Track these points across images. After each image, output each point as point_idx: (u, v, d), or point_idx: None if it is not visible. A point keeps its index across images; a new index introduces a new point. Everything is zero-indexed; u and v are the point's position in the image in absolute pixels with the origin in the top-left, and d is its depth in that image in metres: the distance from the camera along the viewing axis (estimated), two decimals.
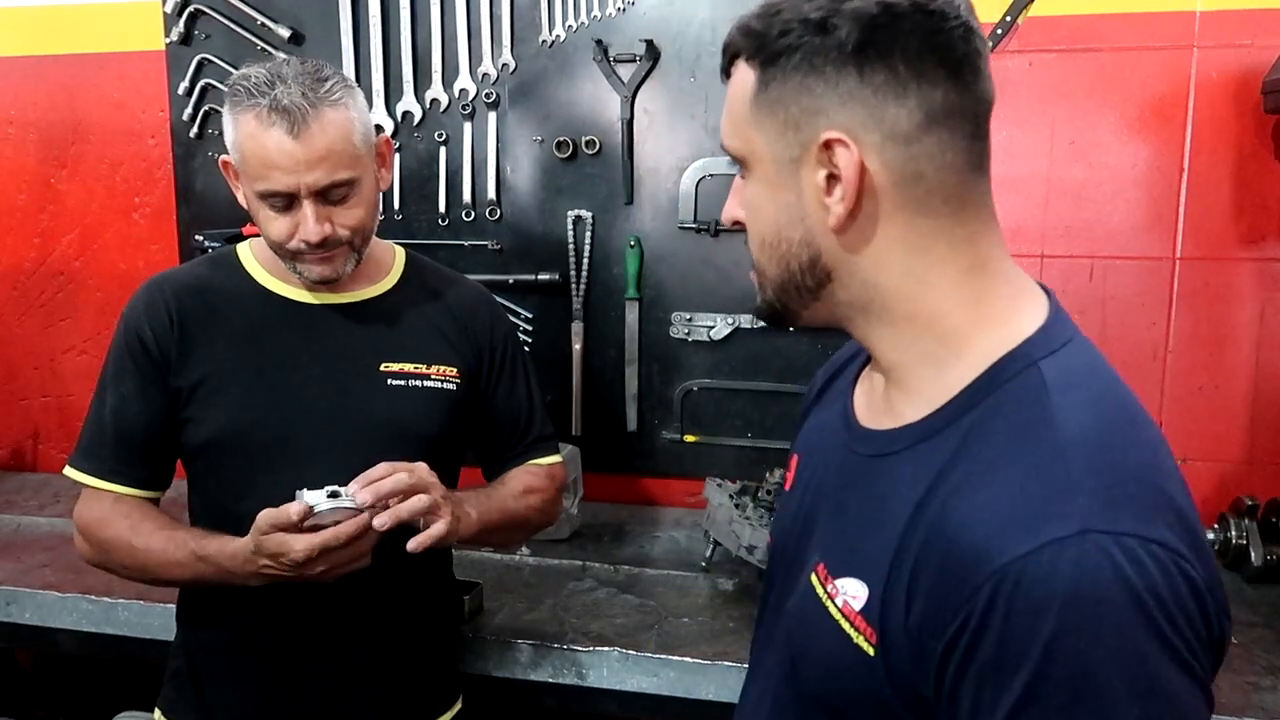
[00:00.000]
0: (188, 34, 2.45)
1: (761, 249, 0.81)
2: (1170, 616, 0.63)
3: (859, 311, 0.80)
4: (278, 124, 1.23)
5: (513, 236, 2.39)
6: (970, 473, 0.71)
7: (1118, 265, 2.14)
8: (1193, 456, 2.15)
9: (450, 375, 1.43)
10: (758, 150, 0.78)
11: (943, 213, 0.76)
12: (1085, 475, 0.67)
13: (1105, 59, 2.10)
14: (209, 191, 2.50)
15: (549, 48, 2.31)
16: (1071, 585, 0.62)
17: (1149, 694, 0.63)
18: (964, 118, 0.75)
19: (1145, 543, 0.64)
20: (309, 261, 1.33)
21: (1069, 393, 0.72)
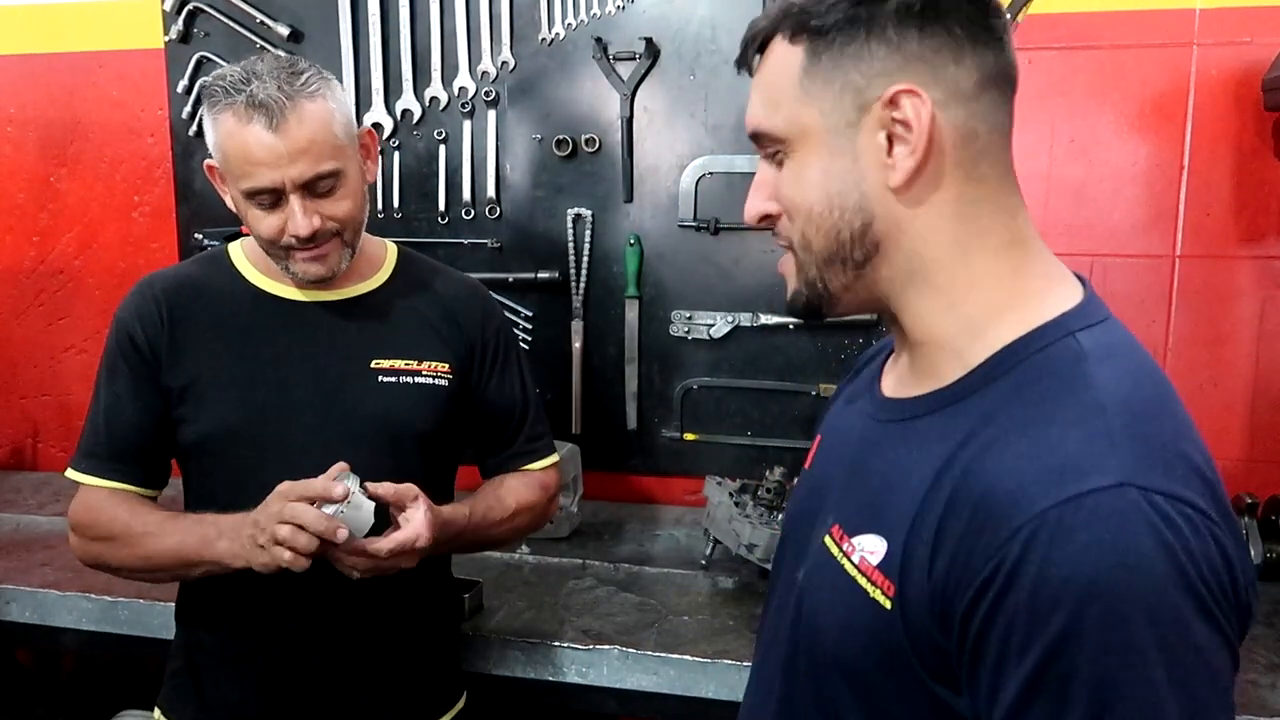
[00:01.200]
0: (187, 32, 2.45)
1: (809, 223, 0.80)
2: (1201, 574, 0.64)
3: (899, 285, 0.81)
4: (256, 119, 1.23)
5: (512, 235, 2.38)
6: (1005, 429, 0.72)
7: (1118, 263, 2.14)
8: None
9: (442, 371, 1.43)
10: (808, 125, 0.78)
11: (990, 179, 0.78)
12: (1123, 434, 0.68)
13: (1105, 56, 2.09)
14: (208, 190, 2.48)
15: (548, 46, 2.31)
16: (1109, 535, 0.63)
17: (1178, 646, 0.63)
18: (1007, 81, 0.78)
19: (1179, 503, 0.65)
20: (301, 260, 1.32)
21: (1106, 362, 0.73)
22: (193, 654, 1.43)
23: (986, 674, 0.68)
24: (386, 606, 1.41)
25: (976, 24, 0.76)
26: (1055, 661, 0.64)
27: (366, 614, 1.39)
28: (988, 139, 0.77)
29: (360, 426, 1.36)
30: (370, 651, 1.41)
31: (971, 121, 0.76)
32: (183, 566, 1.31)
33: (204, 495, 1.39)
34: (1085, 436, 0.68)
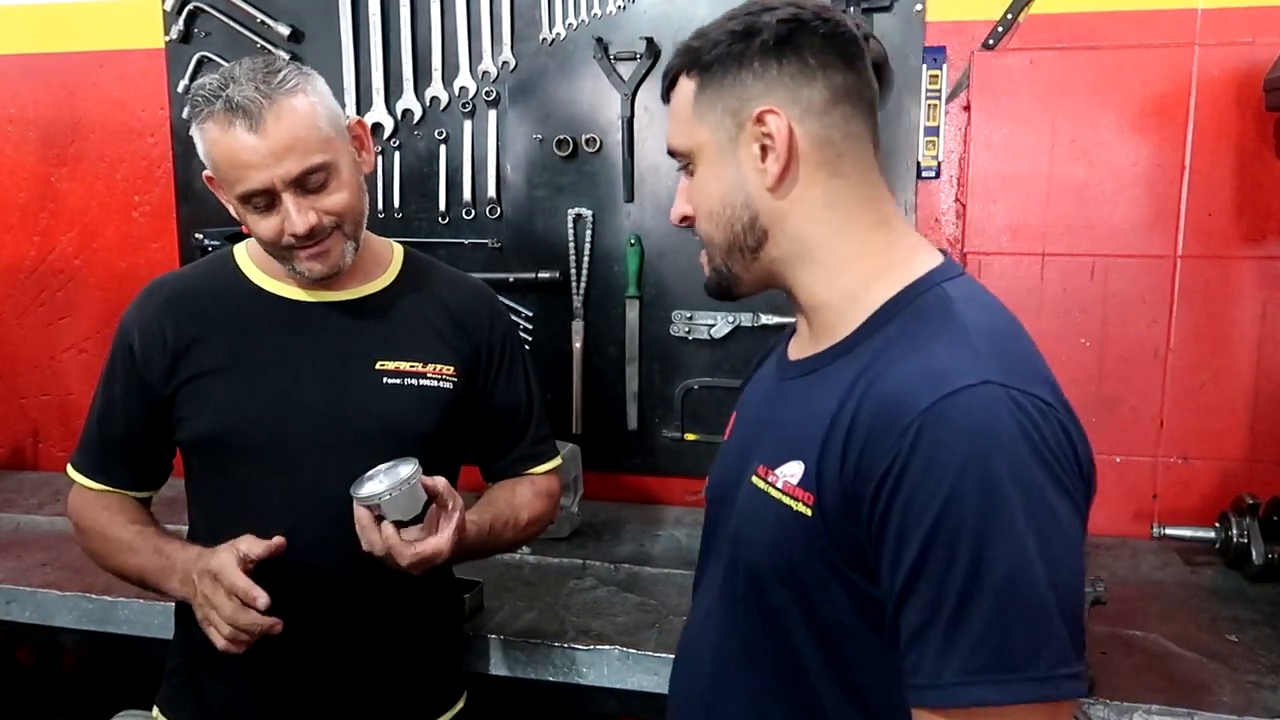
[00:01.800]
0: (187, 32, 2.45)
1: (710, 220, 1.00)
2: (1052, 451, 0.82)
3: (789, 264, 0.99)
4: (237, 123, 1.23)
5: (513, 235, 2.38)
6: (894, 357, 0.89)
7: (1119, 263, 2.14)
8: (1194, 454, 2.15)
9: (447, 374, 1.42)
10: (701, 141, 0.98)
11: (851, 175, 0.97)
12: (985, 350, 0.86)
13: (1106, 56, 2.09)
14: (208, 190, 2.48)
15: (549, 46, 2.30)
16: (979, 420, 0.81)
17: (1038, 507, 0.80)
18: (860, 98, 0.97)
19: (1031, 396, 0.83)
20: (305, 259, 1.32)
21: (968, 302, 0.92)
22: (191, 653, 1.43)
23: (890, 544, 0.83)
24: (386, 606, 1.41)
25: (828, 53, 0.94)
26: (944, 520, 0.80)
27: (366, 614, 1.39)
28: (844, 144, 0.96)
29: (363, 427, 1.36)
30: (369, 651, 1.40)
31: (826, 131, 0.95)
32: (151, 589, 1.37)
33: (206, 494, 1.40)
34: (955, 352, 0.86)
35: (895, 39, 2.13)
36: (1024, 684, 0.79)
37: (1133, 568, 2.01)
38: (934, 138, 2.18)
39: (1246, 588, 1.89)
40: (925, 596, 0.81)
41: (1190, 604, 1.82)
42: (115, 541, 1.38)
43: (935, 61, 2.16)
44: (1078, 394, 2.17)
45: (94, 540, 1.41)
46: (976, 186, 2.18)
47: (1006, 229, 2.18)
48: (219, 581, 1.20)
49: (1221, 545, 1.98)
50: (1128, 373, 2.16)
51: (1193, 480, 2.15)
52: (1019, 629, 0.79)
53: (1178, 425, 2.14)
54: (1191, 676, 1.53)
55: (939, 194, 2.22)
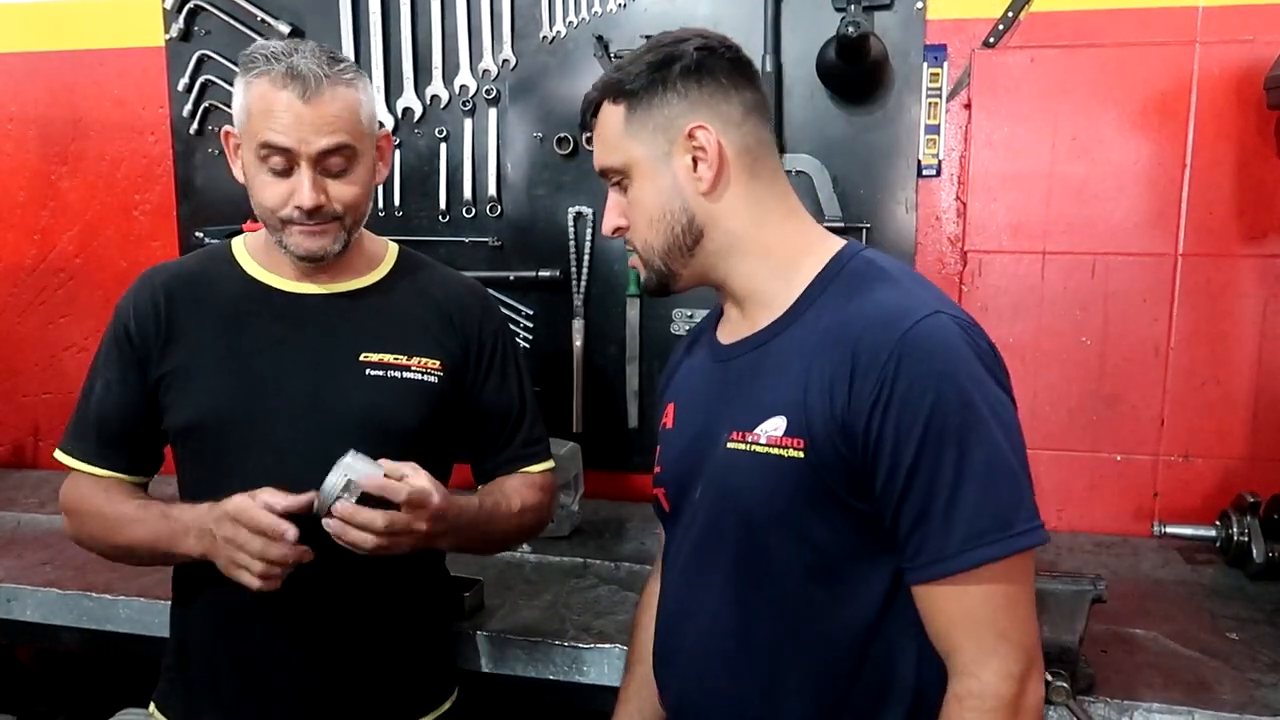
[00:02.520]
0: (187, 30, 2.45)
1: (650, 227, 1.13)
2: (987, 355, 1.03)
3: (723, 256, 1.13)
4: (291, 86, 1.27)
5: (513, 233, 2.38)
6: (849, 311, 1.05)
7: (1120, 262, 2.14)
8: (1195, 453, 2.15)
9: (432, 368, 1.42)
10: (636, 158, 1.11)
11: (764, 176, 1.13)
12: (920, 291, 1.07)
13: (1107, 55, 2.09)
14: (209, 188, 2.50)
15: (549, 44, 2.30)
16: (940, 340, 1.00)
17: (993, 401, 1.01)
18: (764, 111, 1.14)
19: (965, 321, 1.04)
20: (299, 234, 1.33)
21: (885, 261, 1.12)
22: (184, 648, 1.44)
23: (886, 455, 0.99)
24: (378, 601, 1.41)
25: (735, 74, 1.11)
26: (932, 424, 0.97)
27: (358, 608, 1.39)
28: (758, 149, 1.12)
29: (345, 419, 1.36)
30: (358, 645, 1.40)
31: (744, 139, 1.11)
32: (163, 557, 1.36)
33: (192, 481, 1.40)
34: (901, 294, 1.05)
35: (896, 37, 2.13)
36: (1015, 537, 0.97)
37: (1133, 566, 2.01)
38: (935, 136, 2.18)
39: (1247, 586, 1.89)
40: (922, 489, 0.98)
41: (1191, 602, 1.82)
42: (116, 518, 1.37)
43: (936, 60, 2.16)
44: (1078, 392, 2.18)
45: (92, 522, 1.40)
46: (977, 185, 2.18)
47: (1007, 227, 2.18)
48: (240, 522, 1.21)
49: (1222, 543, 1.98)
50: (1129, 371, 2.16)
51: (1193, 478, 2.15)
52: (1003, 495, 0.98)
53: (1178, 423, 2.14)
54: (1192, 674, 1.53)
55: (940, 192, 2.22)
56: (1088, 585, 1.44)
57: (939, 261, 2.23)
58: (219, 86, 2.44)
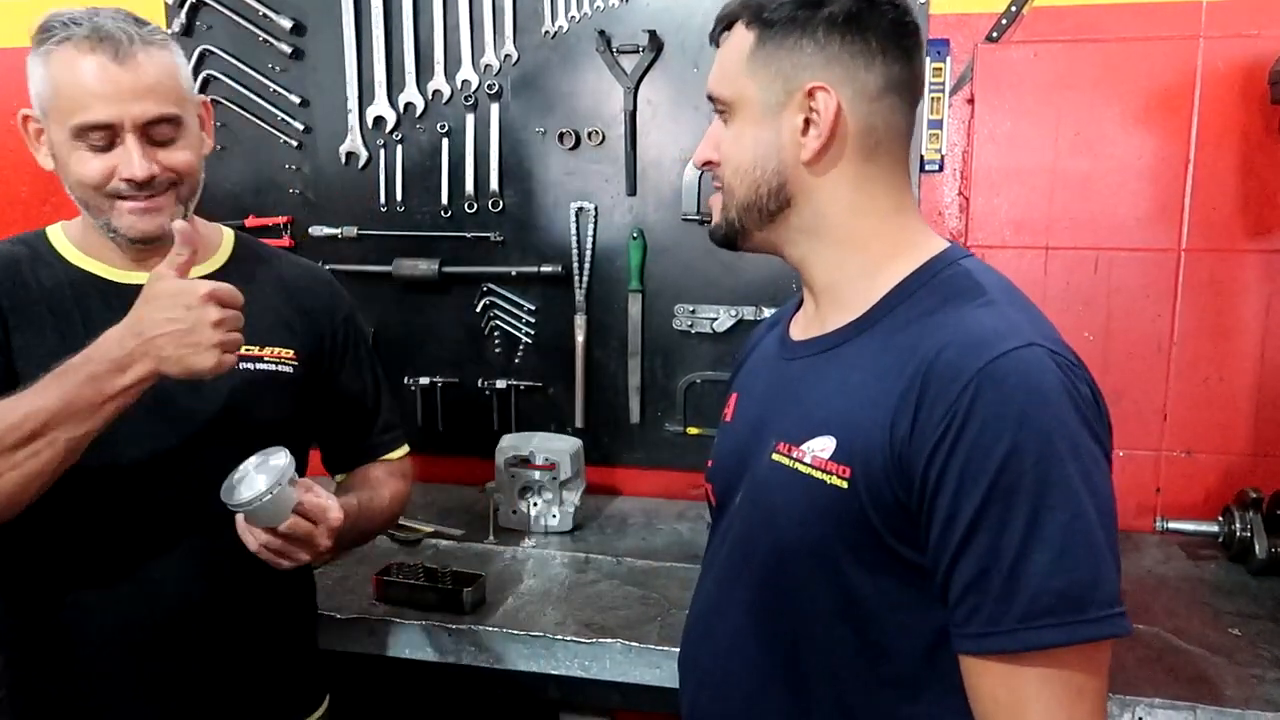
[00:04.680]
0: (190, 25, 2.44)
1: (736, 174, 1.00)
2: (1085, 403, 0.87)
3: (806, 236, 1.01)
4: (101, 51, 1.15)
5: (515, 228, 2.38)
6: (930, 328, 0.91)
7: (1123, 257, 2.14)
8: (1198, 449, 2.15)
9: (286, 358, 1.35)
10: (748, 96, 0.98)
11: (883, 163, 0.99)
12: (1019, 316, 0.91)
13: (1111, 49, 2.08)
14: (211, 184, 2.45)
15: (551, 39, 2.30)
16: (1029, 378, 0.84)
17: (1083, 454, 0.85)
18: (910, 91, 0.99)
19: (1063, 357, 0.88)
20: (130, 213, 1.22)
21: (987, 275, 0.97)
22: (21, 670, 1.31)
23: (946, 503, 0.85)
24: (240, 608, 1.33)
25: (890, 40, 0.95)
26: (1004, 473, 0.82)
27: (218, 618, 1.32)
28: (884, 133, 0.97)
29: (198, 414, 1.28)
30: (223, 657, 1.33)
31: (872, 118, 0.96)
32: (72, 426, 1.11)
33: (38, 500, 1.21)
34: (995, 318, 0.89)
35: None
36: (1086, 624, 0.82)
37: (1135, 561, 2.01)
38: (937, 131, 2.18)
39: (1249, 582, 1.89)
40: (983, 546, 0.83)
41: (1193, 598, 1.82)
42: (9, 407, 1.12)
43: (939, 54, 2.15)
44: None
45: None
46: (980, 180, 2.18)
47: (1010, 222, 2.18)
48: (181, 294, 1.10)
49: (1225, 539, 1.98)
50: (1131, 366, 2.16)
51: (1196, 474, 2.15)
52: (1081, 570, 0.83)
53: (1181, 419, 2.14)
54: (1194, 670, 1.53)
55: (942, 187, 2.21)
56: None
57: None
58: (221, 82, 2.44)
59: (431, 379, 2.47)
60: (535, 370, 2.43)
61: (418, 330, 2.47)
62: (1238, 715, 1.42)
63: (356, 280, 2.45)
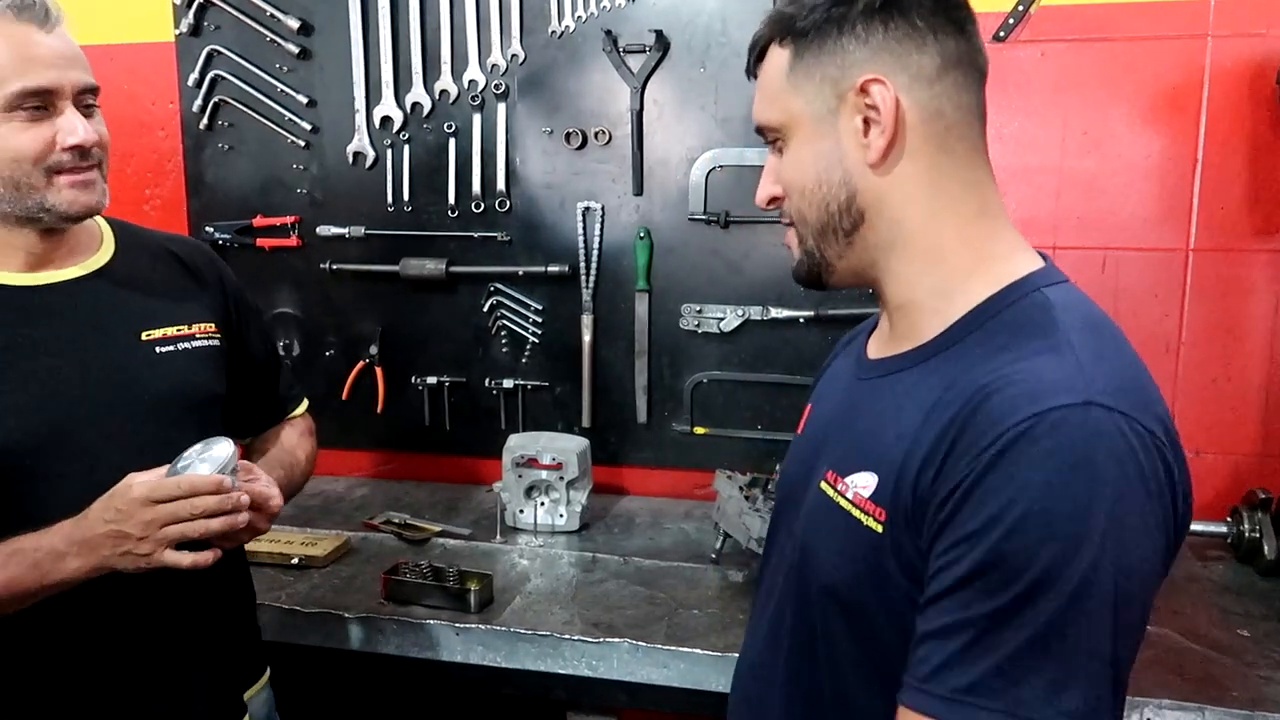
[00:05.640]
0: (197, 25, 2.45)
1: (803, 198, 0.92)
2: (1146, 480, 0.74)
3: (883, 252, 0.91)
4: (28, 18, 1.15)
5: (522, 228, 2.38)
6: (987, 369, 0.81)
7: (1130, 257, 2.13)
8: (1206, 449, 2.14)
9: (211, 332, 1.37)
10: (796, 113, 0.90)
11: (958, 151, 0.89)
12: (1090, 367, 0.78)
13: (1119, 49, 2.08)
14: (219, 183, 2.50)
15: (558, 38, 2.30)
16: (1073, 442, 0.73)
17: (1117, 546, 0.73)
18: (973, 66, 0.89)
19: (1134, 422, 0.75)
20: (69, 187, 1.18)
21: (1071, 310, 0.84)
22: None
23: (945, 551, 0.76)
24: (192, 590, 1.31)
25: (938, 15, 0.87)
26: (1013, 538, 0.73)
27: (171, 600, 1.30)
28: (954, 116, 0.88)
29: (150, 402, 1.27)
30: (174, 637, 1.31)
31: (936, 101, 0.87)
32: (11, 604, 1.14)
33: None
34: (1058, 364, 0.78)
35: None
36: None
37: None
38: None
39: (1258, 582, 1.88)
40: (963, 601, 0.74)
41: (1201, 599, 1.81)
42: None
43: None
44: None
45: None
46: None
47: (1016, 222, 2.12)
48: (158, 499, 1.10)
49: (1233, 540, 1.97)
50: None
51: (1204, 474, 2.14)
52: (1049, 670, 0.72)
53: (1189, 419, 2.13)
54: (1203, 671, 1.53)
55: None
56: None
57: None
58: (229, 82, 2.44)
59: (439, 378, 2.47)
60: (542, 370, 2.44)
61: (425, 330, 2.48)
62: (1246, 716, 1.42)
63: (364, 280, 2.46)
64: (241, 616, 1.49)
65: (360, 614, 1.73)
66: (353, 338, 2.51)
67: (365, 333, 2.49)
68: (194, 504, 1.12)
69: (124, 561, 1.13)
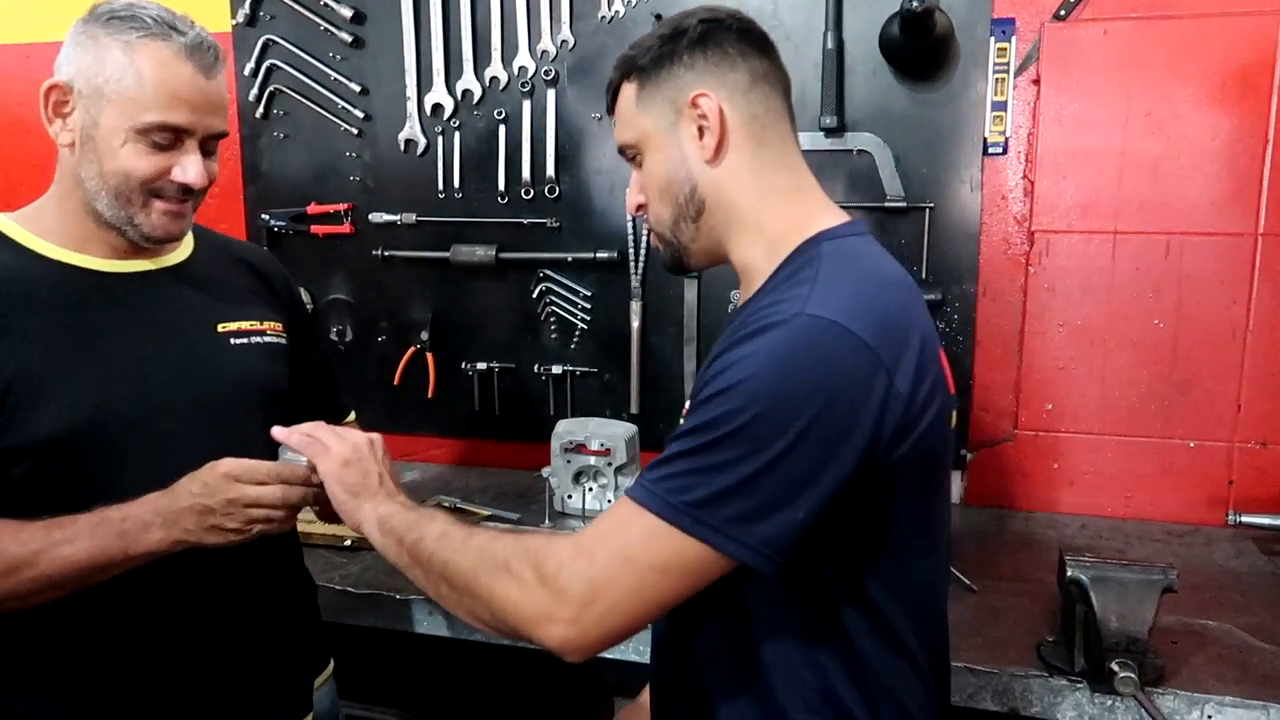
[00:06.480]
0: (253, 15, 2.49)
1: (659, 198, 1.14)
2: (834, 365, 0.94)
3: (724, 230, 1.13)
4: (194, 61, 1.21)
5: (571, 214, 2.39)
6: (756, 306, 1.02)
7: (1196, 241, 2.07)
8: (1273, 440, 2.07)
9: (278, 330, 1.42)
10: (647, 131, 1.12)
11: (773, 144, 1.12)
12: (821, 292, 0.98)
13: (1185, 26, 2.01)
14: (275, 171, 2.54)
15: (608, 24, 2.29)
16: (775, 341, 0.95)
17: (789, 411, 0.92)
18: (777, 80, 1.13)
19: (838, 326, 0.94)
20: (162, 213, 1.25)
21: (834, 255, 1.05)
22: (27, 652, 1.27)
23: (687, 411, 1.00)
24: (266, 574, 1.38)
25: (743, 42, 1.11)
26: (713, 400, 0.95)
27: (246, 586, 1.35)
28: (766, 117, 1.11)
29: (221, 392, 1.32)
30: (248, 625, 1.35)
31: (751, 107, 1.10)
32: (96, 574, 1.17)
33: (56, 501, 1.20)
34: (796, 294, 0.99)
35: (962, 11, 2.07)
36: (673, 508, 0.93)
37: (1206, 556, 1.95)
38: (1001, 113, 2.12)
39: None
40: (682, 427, 0.98)
41: (1267, 594, 1.76)
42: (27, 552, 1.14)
43: (1004, 34, 2.10)
44: (1149, 376, 2.12)
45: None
46: (1045, 163, 2.12)
47: (1077, 206, 2.12)
48: (241, 479, 1.17)
49: None
50: (1203, 355, 2.09)
51: (1271, 466, 2.08)
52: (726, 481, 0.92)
53: (1256, 409, 2.07)
54: (1268, 668, 1.49)
55: (1006, 170, 2.16)
56: (1158, 575, 1.40)
57: (1005, 242, 2.18)
58: (284, 71, 2.48)
59: (488, 364, 2.49)
60: (591, 356, 2.44)
61: (475, 316, 2.50)
62: None
63: (415, 266, 2.49)
64: (303, 605, 1.53)
65: (411, 595, 1.75)
66: (404, 323, 2.54)
67: (416, 318, 2.52)
68: (283, 494, 1.19)
69: (209, 536, 1.18)
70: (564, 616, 0.96)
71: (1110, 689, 1.39)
